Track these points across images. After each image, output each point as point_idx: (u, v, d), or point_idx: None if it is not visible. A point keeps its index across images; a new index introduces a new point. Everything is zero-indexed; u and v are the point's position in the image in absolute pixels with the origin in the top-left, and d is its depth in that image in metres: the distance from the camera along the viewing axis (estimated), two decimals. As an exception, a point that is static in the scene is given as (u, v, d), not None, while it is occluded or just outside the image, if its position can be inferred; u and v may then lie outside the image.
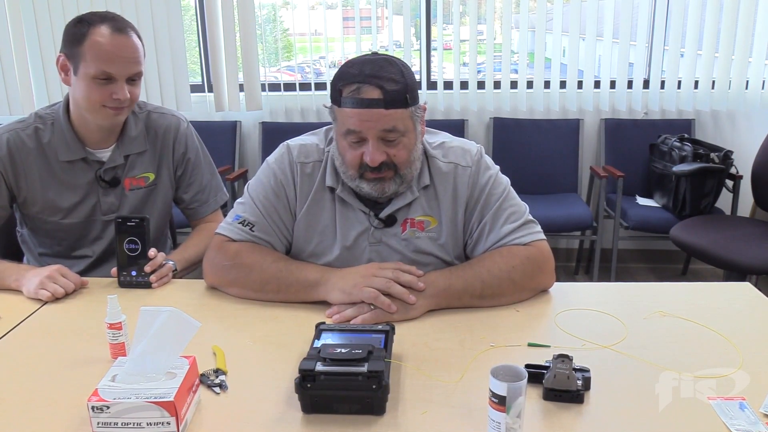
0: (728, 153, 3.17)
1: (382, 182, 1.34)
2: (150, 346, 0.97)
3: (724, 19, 3.40)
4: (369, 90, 1.25)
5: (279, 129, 3.65)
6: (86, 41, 1.49)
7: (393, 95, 1.26)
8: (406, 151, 1.32)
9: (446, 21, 3.70)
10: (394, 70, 1.28)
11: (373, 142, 1.29)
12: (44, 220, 1.66)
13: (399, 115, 1.27)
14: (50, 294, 1.41)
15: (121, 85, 1.52)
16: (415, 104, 1.31)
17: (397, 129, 1.28)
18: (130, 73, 1.53)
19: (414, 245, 1.43)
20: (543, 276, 1.39)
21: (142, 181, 1.70)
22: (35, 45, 3.58)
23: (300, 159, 1.44)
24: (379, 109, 1.25)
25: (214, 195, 1.82)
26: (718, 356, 1.14)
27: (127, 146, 1.67)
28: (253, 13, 3.57)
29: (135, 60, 1.54)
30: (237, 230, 1.44)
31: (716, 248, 2.66)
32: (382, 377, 0.96)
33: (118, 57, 1.50)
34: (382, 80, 1.25)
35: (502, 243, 1.39)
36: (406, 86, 1.28)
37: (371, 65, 1.28)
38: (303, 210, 1.44)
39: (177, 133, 1.74)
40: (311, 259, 1.44)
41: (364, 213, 1.42)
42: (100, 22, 1.51)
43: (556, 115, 3.64)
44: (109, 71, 1.50)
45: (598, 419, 0.97)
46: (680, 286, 1.47)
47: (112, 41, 1.50)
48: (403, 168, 1.34)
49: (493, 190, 1.42)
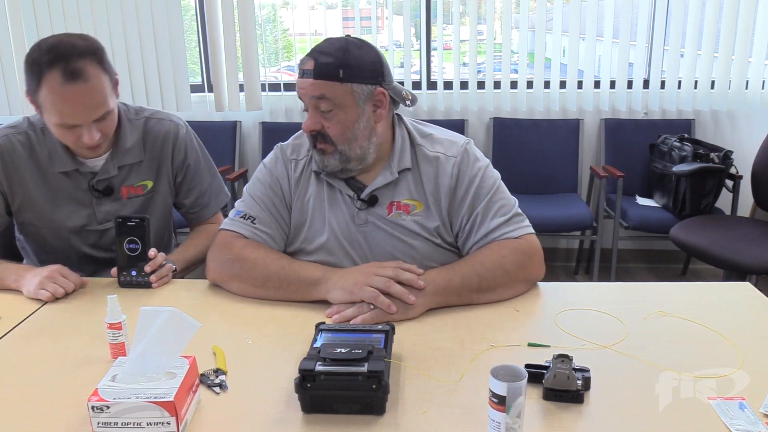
0: (728, 153, 3.17)
1: (323, 154, 1.41)
2: (150, 346, 0.97)
3: (724, 19, 3.40)
4: (306, 61, 1.36)
5: (279, 129, 3.65)
6: (41, 91, 1.39)
7: (322, 67, 1.33)
8: (341, 126, 1.37)
9: (446, 21, 3.70)
10: (339, 46, 1.35)
11: (310, 110, 1.38)
12: (39, 228, 1.63)
13: (329, 86, 1.33)
14: (50, 294, 1.41)
15: (87, 129, 1.44)
16: (355, 82, 1.35)
17: (325, 97, 1.34)
18: (93, 119, 1.43)
19: (401, 227, 1.45)
20: (533, 265, 1.41)
21: (140, 189, 1.66)
22: (35, 45, 3.58)
23: (293, 156, 1.52)
24: (308, 79, 1.34)
25: (215, 197, 1.80)
26: (718, 356, 1.14)
27: (122, 157, 1.61)
28: (253, 13, 3.57)
29: (95, 105, 1.42)
30: (239, 224, 1.47)
31: (716, 248, 2.66)
32: (382, 377, 0.96)
33: (76, 107, 1.40)
34: (318, 53, 1.35)
35: (492, 236, 1.41)
36: (343, 62, 1.33)
37: (326, 42, 1.37)
38: (296, 199, 1.50)
39: (176, 139, 1.69)
40: (305, 244, 1.48)
41: (349, 196, 1.46)
42: (51, 66, 1.36)
43: (556, 115, 3.64)
44: (70, 122, 1.42)
45: (598, 419, 0.97)
46: (680, 286, 1.47)
47: (66, 92, 1.38)
48: (339, 143, 1.38)
49: (483, 183, 1.44)
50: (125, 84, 3.61)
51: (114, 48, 3.57)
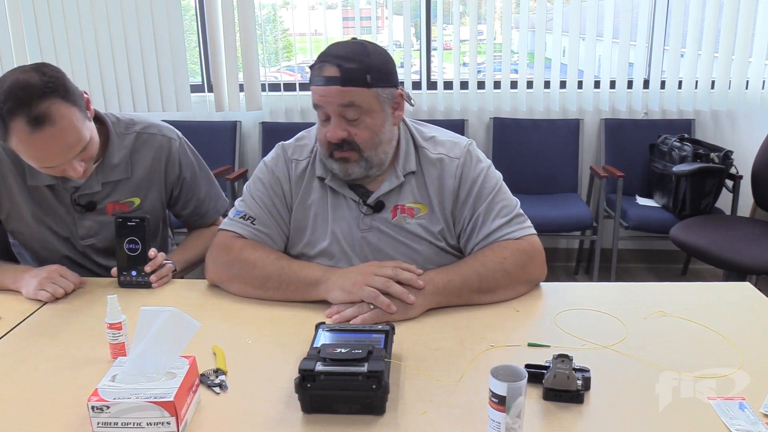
0: (728, 153, 3.17)
1: (347, 163, 1.38)
2: (150, 346, 0.97)
3: (724, 19, 3.40)
4: (328, 68, 1.31)
5: (279, 129, 3.65)
6: (11, 140, 1.31)
7: (349, 73, 1.30)
8: (369, 131, 1.35)
9: (446, 21, 3.70)
10: (358, 50, 1.32)
11: (334, 118, 1.33)
12: (27, 238, 1.60)
13: (357, 92, 1.31)
14: (50, 295, 1.41)
15: (69, 165, 1.37)
16: (380, 86, 1.33)
17: (354, 104, 1.31)
18: (71, 157, 1.36)
19: (405, 231, 1.44)
20: (534, 267, 1.41)
21: (126, 206, 1.60)
22: (35, 45, 3.58)
23: (294, 156, 1.50)
24: (335, 87, 1.30)
25: (214, 205, 1.76)
26: (718, 356, 1.14)
27: (107, 173, 1.55)
28: (253, 13, 3.57)
29: (70, 145, 1.34)
30: (239, 224, 1.46)
31: (716, 248, 2.66)
32: (382, 377, 0.96)
33: (50, 152, 1.33)
34: (342, 59, 1.30)
35: (493, 237, 1.41)
36: (368, 66, 1.31)
37: (339, 46, 1.34)
38: (297, 201, 1.48)
39: (169, 154, 1.63)
40: (306, 249, 1.47)
41: (354, 201, 1.44)
42: (13, 115, 1.27)
43: (556, 115, 3.64)
44: (50, 165, 1.36)
45: (598, 419, 0.97)
46: (680, 286, 1.47)
47: (35, 141, 1.29)
48: (366, 149, 1.36)
49: (486, 183, 1.44)
50: (125, 84, 3.62)
51: (114, 48, 3.58)
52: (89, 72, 3.60)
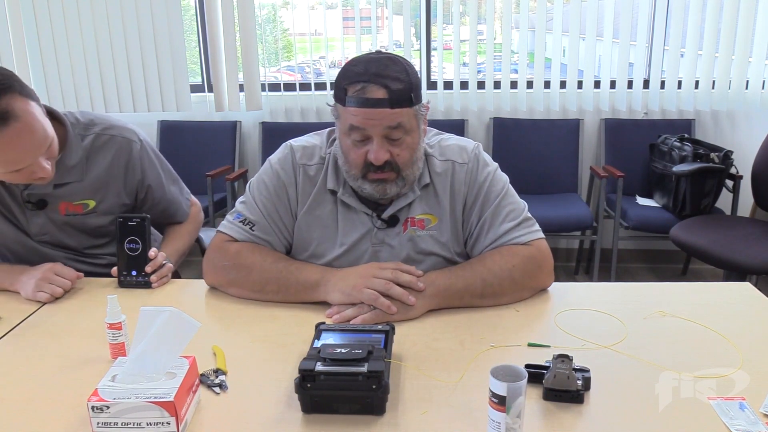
0: (728, 153, 3.17)
1: (384, 183, 1.33)
2: (150, 346, 0.97)
3: (724, 19, 3.40)
4: (374, 89, 1.25)
5: (279, 129, 3.66)
6: None
7: (398, 94, 1.25)
8: (409, 150, 1.32)
9: (446, 21, 3.70)
10: (398, 68, 1.27)
11: (378, 140, 1.28)
12: None
13: (405, 113, 1.27)
14: (49, 295, 1.40)
15: (37, 165, 1.34)
16: (419, 103, 1.31)
17: (402, 126, 1.28)
18: (38, 156, 1.32)
19: (415, 244, 1.42)
20: (543, 275, 1.39)
21: (79, 207, 1.55)
22: (35, 45, 3.58)
23: (303, 161, 1.44)
24: (384, 109, 1.25)
25: (183, 201, 1.75)
26: (718, 356, 1.14)
27: (62, 174, 1.49)
28: (253, 13, 3.57)
29: (38, 141, 1.31)
30: (237, 229, 1.44)
31: (716, 248, 2.66)
32: (382, 377, 0.96)
33: (18, 151, 1.30)
34: (387, 79, 1.25)
35: (501, 241, 1.39)
36: (411, 85, 1.27)
37: (376, 64, 1.27)
38: (303, 211, 1.44)
39: (129, 158, 1.57)
40: (311, 260, 1.44)
41: (367, 215, 1.42)
42: None
43: (556, 115, 3.64)
44: (20, 167, 1.33)
45: (598, 419, 0.97)
46: (680, 286, 1.47)
47: (2, 139, 1.26)
48: (405, 169, 1.33)
49: (492, 187, 1.42)
50: (125, 84, 3.62)
51: (114, 48, 3.58)
52: (89, 72, 3.60)
